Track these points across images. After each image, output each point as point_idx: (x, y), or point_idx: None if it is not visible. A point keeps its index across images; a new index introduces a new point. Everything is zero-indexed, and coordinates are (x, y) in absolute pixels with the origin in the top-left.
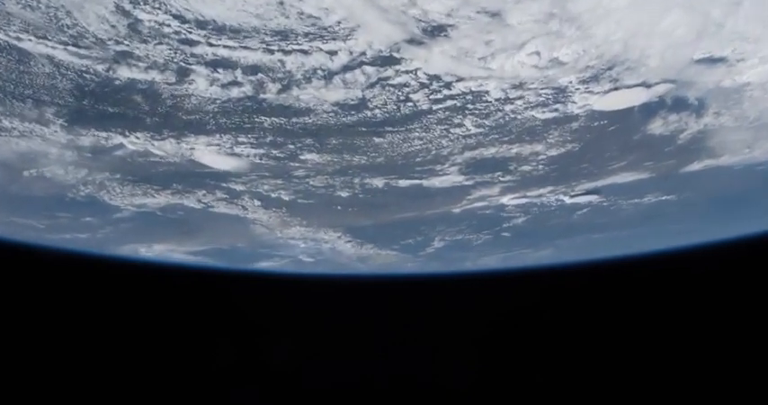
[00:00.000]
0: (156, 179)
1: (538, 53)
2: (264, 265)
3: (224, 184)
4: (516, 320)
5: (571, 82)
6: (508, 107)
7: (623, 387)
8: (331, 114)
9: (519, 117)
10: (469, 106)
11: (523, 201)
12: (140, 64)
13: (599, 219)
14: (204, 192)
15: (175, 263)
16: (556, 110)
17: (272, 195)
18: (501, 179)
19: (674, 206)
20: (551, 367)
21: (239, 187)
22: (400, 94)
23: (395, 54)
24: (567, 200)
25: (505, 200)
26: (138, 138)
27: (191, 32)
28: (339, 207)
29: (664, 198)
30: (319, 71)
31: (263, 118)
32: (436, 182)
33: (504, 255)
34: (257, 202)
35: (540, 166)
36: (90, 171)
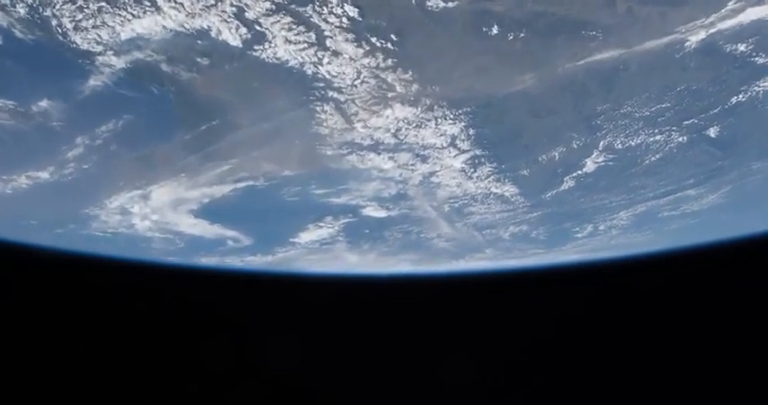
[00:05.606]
0: None
1: None
2: (307, 237)
3: None
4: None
5: None
6: None
7: None
8: None
9: None
10: None
11: None
12: None
13: None
14: None
15: (175, 263)
16: None
17: None
18: None
19: None
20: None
21: None
22: None
23: None
24: None
25: None
26: None
27: None
28: (495, 27)
29: None
30: None
31: None
32: None
33: (655, 201)
34: (348, 17)
35: None
36: None
